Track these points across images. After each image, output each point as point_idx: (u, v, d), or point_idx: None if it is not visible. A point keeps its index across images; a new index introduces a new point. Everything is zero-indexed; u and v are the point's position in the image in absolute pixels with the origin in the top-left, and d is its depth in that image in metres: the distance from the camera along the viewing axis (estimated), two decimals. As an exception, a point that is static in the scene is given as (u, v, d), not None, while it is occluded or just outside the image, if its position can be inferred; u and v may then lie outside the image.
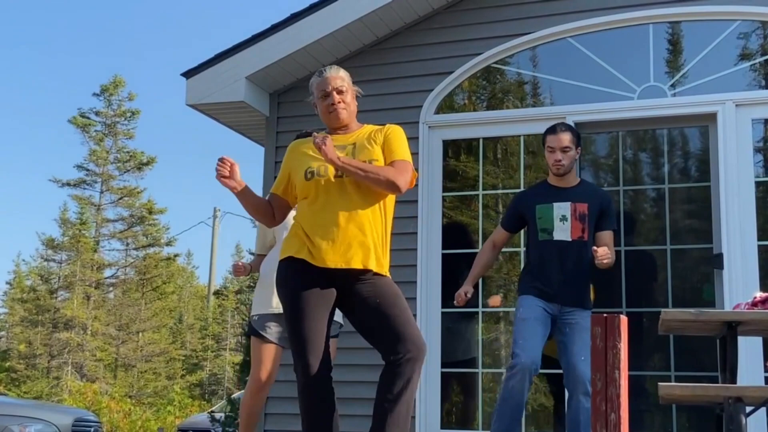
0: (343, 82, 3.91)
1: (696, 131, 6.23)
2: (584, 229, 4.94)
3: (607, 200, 5.10)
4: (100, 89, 31.56)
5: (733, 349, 3.97)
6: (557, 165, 5.04)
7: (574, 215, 4.95)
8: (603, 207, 5.02)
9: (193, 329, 39.70)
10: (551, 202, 5.02)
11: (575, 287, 4.90)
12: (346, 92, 3.91)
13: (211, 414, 14.70)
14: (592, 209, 4.96)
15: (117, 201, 31.46)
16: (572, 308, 4.89)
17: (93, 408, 18.89)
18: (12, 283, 36.44)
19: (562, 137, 5.07)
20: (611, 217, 5.07)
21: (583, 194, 5.03)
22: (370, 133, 3.90)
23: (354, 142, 3.85)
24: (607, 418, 2.77)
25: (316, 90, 3.94)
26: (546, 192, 5.10)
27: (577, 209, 4.96)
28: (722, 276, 5.71)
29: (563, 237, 4.93)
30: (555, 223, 4.96)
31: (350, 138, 3.88)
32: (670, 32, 6.26)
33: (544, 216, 5.00)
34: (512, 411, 4.74)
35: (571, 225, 4.94)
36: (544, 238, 4.98)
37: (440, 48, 6.62)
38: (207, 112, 7.12)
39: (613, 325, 2.86)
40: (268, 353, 4.69)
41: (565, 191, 5.05)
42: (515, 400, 4.73)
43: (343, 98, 3.88)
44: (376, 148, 3.80)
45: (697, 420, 5.82)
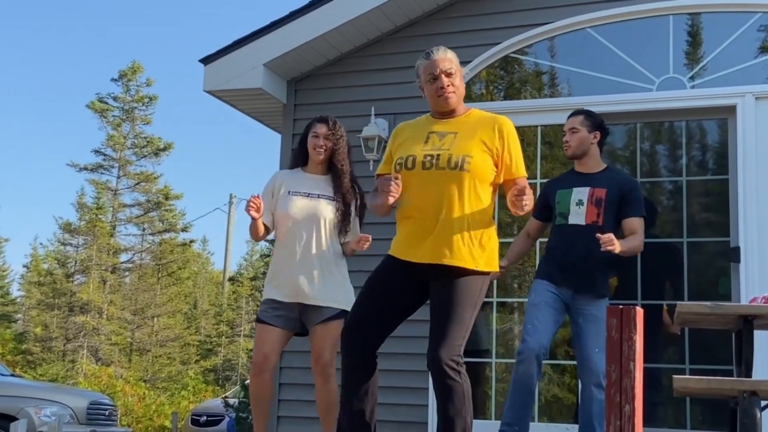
0: (452, 64, 3.75)
1: (714, 124, 6.20)
2: (599, 214, 4.90)
3: (629, 186, 5.04)
4: (118, 74, 31.64)
5: (748, 343, 3.96)
6: (565, 146, 5.08)
7: (590, 200, 4.92)
8: (624, 192, 4.96)
9: (207, 315, 39.82)
10: (572, 187, 5.01)
11: (587, 272, 4.87)
12: (455, 74, 3.75)
13: (225, 399, 14.77)
14: (610, 195, 4.93)
15: (134, 186, 31.55)
16: (584, 295, 4.86)
17: (108, 391, 19.01)
18: (29, 267, 36.69)
19: (572, 119, 5.10)
20: (636, 202, 5.00)
21: (604, 180, 5.01)
22: (475, 122, 3.75)
23: (456, 131, 3.71)
24: (622, 409, 2.77)
25: (423, 73, 3.79)
26: (570, 178, 5.11)
27: (594, 194, 4.94)
28: (739, 269, 5.69)
29: (578, 221, 4.92)
30: (571, 207, 4.95)
31: (453, 125, 3.75)
32: (690, 24, 6.22)
33: (563, 200, 5.00)
34: (523, 397, 4.74)
35: (587, 209, 4.91)
36: (560, 223, 4.98)
37: (458, 37, 6.60)
38: (224, 98, 7.14)
39: (629, 317, 2.86)
40: (267, 334, 4.69)
41: (587, 177, 5.05)
42: (525, 386, 4.73)
43: (452, 81, 3.74)
44: (476, 143, 3.65)
45: (710, 414, 5.80)
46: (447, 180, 3.58)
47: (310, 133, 4.85)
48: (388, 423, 6.03)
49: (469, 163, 3.59)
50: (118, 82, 31.71)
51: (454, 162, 3.59)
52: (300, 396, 6.30)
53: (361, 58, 6.90)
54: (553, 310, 4.85)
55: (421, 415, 6.17)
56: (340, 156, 4.79)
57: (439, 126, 3.76)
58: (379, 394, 3.77)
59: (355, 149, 6.62)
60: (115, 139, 30.89)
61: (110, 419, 10.96)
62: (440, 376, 3.53)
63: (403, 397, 6.14)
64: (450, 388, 3.53)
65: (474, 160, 3.60)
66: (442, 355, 3.51)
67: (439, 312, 3.59)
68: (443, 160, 3.60)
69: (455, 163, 3.59)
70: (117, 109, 31.43)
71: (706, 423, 5.81)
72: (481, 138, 3.67)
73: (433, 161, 3.62)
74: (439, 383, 3.55)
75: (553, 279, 4.91)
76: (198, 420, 15.26)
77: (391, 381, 5.96)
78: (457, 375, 3.54)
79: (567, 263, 4.89)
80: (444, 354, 3.51)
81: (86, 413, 10.36)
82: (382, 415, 6.04)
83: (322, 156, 4.78)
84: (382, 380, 5.96)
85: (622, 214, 4.97)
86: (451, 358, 3.51)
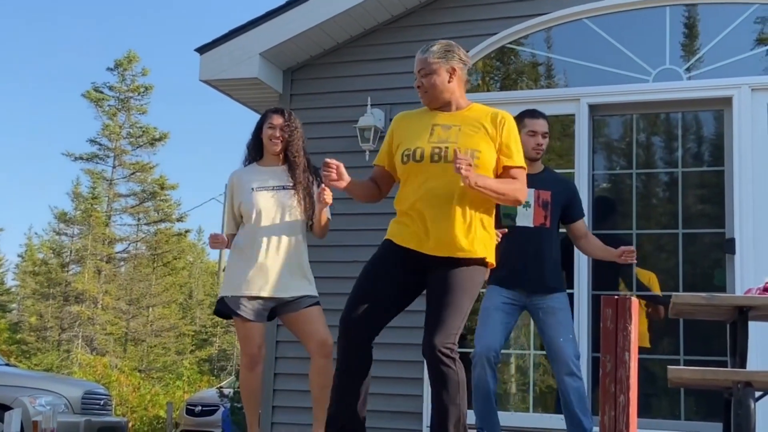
0: (425, 64, 3.78)
1: (710, 115, 6.20)
2: (546, 216, 4.90)
3: (573, 190, 5.09)
4: (114, 64, 31.60)
5: (743, 334, 3.96)
6: (538, 149, 4.99)
7: (537, 202, 4.89)
8: (569, 196, 5.01)
9: (202, 305, 39.83)
10: None
11: (538, 273, 4.84)
12: (432, 73, 3.77)
13: (220, 389, 14.77)
14: (555, 197, 4.92)
15: (129, 176, 31.54)
16: (539, 293, 4.86)
17: (102, 381, 19.01)
18: (24, 256, 36.66)
19: (543, 122, 5.04)
20: (580, 204, 5.07)
21: (547, 181, 4.97)
22: (478, 117, 3.78)
23: (460, 124, 3.75)
24: (616, 399, 2.77)
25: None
26: None
27: (540, 196, 4.90)
28: (734, 261, 5.70)
29: (526, 223, 4.88)
30: (518, 208, 4.90)
31: (456, 118, 3.78)
32: (686, 15, 6.22)
33: None
34: (484, 400, 4.80)
35: (534, 211, 4.89)
36: (506, 224, 4.90)
37: (454, 27, 6.58)
38: (220, 88, 7.12)
39: (624, 308, 2.86)
40: (253, 329, 4.71)
41: (529, 178, 5.02)
42: (481, 389, 4.78)
43: (427, 80, 3.78)
44: (482, 137, 3.70)
45: (705, 405, 5.82)
46: (455, 173, 3.58)
47: (266, 124, 4.83)
48: (384, 413, 6.04)
49: (478, 158, 3.64)
50: (113, 71, 31.69)
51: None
52: (295, 386, 6.30)
53: (357, 48, 6.89)
54: (502, 313, 4.84)
55: (416, 405, 6.18)
56: (294, 147, 4.76)
57: (441, 118, 3.79)
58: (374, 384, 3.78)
59: (351, 139, 6.64)
60: (110, 128, 30.85)
61: (105, 409, 10.96)
62: (435, 363, 3.55)
63: (398, 387, 6.15)
64: (445, 376, 3.55)
65: (482, 154, 3.66)
66: (437, 342, 3.53)
67: (436, 300, 3.62)
68: (452, 153, 3.62)
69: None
70: (112, 99, 31.41)
71: (700, 414, 5.82)
72: (486, 132, 3.72)
73: (442, 154, 3.65)
74: (433, 371, 3.57)
75: (504, 283, 4.88)
76: (193, 410, 15.25)
77: (386, 371, 5.97)
78: (452, 362, 3.56)
79: (519, 266, 4.85)
80: (439, 341, 3.53)
81: (81, 403, 10.36)
82: (378, 404, 6.06)
83: (278, 147, 4.77)
84: (378, 370, 5.97)
85: (571, 217, 5.00)
86: (445, 346, 3.54)
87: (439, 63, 3.79)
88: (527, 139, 4.99)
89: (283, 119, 4.78)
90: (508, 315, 4.86)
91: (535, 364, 6.11)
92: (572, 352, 4.75)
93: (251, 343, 4.72)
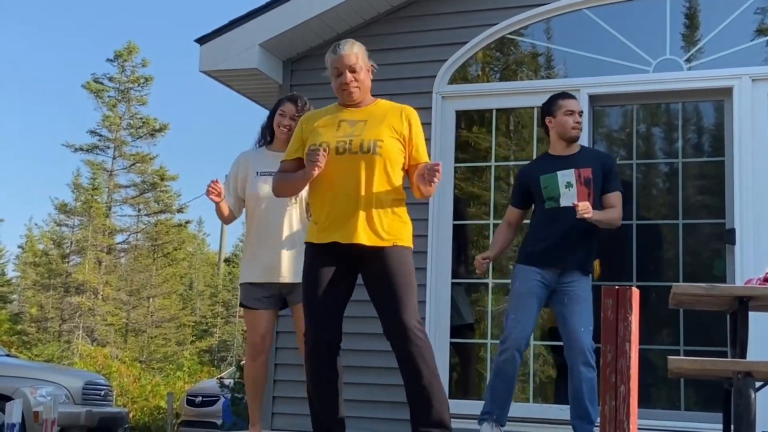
0: (357, 60, 3.95)
1: (711, 106, 6.19)
2: (590, 194, 4.96)
3: (609, 162, 5.15)
4: (113, 55, 31.52)
5: (743, 325, 3.97)
6: (577, 127, 5.06)
7: (579, 181, 4.97)
8: (606, 168, 5.05)
9: (203, 296, 39.85)
10: (554, 171, 5.03)
11: (578, 252, 4.94)
12: (360, 70, 3.95)
13: (221, 380, 14.80)
14: (596, 173, 5.00)
15: (129, 167, 31.49)
16: (572, 275, 4.90)
17: (103, 372, 19.02)
18: (24, 247, 36.63)
19: (577, 102, 5.11)
20: (615, 177, 5.11)
21: (586, 159, 5.06)
22: (383, 111, 3.95)
23: (365, 119, 3.90)
24: (617, 390, 2.78)
25: (330, 66, 3.98)
26: (548, 163, 5.12)
27: (581, 175, 4.98)
28: (734, 251, 5.70)
29: (569, 203, 4.93)
30: (561, 190, 4.96)
31: (362, 114, 3.94)
32: (687, 5, 6.20)
33: (550, 185, 5.01)
34: (504, 385, 4.84)
35: (577, 191, 4.95)
36: (550, 206, 4.99)
37: (455, 18, 6.57)
38: (220, 78, 7.11)
39: (625, 298, 2.86)
40: (257, 318, 4.80)
41: (567, 159, 5.07)
42: (506, 376, 4.85)
43: (356, 77, 3.94)
44: (385, 128, 3.86)
45: (704, 395, 5.83)
46: (360, 163, 3.77)
47: (278, 111, 4.86)
48: (382, 403, 6.05)
49: (380, 147, 3.79)
50: (113, 62, 31.61)
51: (366, 146, 3.79)
52: (295, 377, 6.30)
53: (357, 39, 6.83)
54: (536, 299, 4.92)
55: (416, 395, 6.17)
56: None
57: (348, 114, 3.95)
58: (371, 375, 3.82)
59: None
60: (110, 119, 30.81)
61: (106, 399, 10.99)
62: (411, 339, 3.66)
63: (395, 378, 6.13)
64: (421, 350, 3.67)
65: (384, 144, 3.81)
66: (409, 318, 3.68)
67: (386, 285, 3.74)
68: (356, 145, 3.79)
69: (367, 147, 3.79)
70: (113, 90, 31.34)
71: (699, 404, 5.83)
72: (390, 124, 3.88)
73: (346, 146, 3.80)
74: (409, 348, 3.67)
75: (539, 261, 4.93)
76: (193, 400, 15.28)
77: (383, 362, 5.97)
78: (425, 336, 3.73)
79: (564, 244, 4.91)
80: (410, 318, 3.68)
81: (82, 393, 10.39)
82: (377, 395, 6.08)
83: (284, 136, 4.80)
84: (375, 360, 6.01)
85: (603, 189, 5.03)
86: (417, 321, 3.71)
87: (365, 61, 4.01)
88: (565, 120, 5.07)
89: (295, 108, 4.83)
90: (541, 300, 4.95)
91: (534, 354, 6.11)
92: (590, 343, 4.79)
93: (254, 332, 4.77)
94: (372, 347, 5.90)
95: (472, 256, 6.40)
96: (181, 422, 15.42)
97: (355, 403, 5.43)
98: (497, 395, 4.86)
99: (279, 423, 6.44)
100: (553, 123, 5.16)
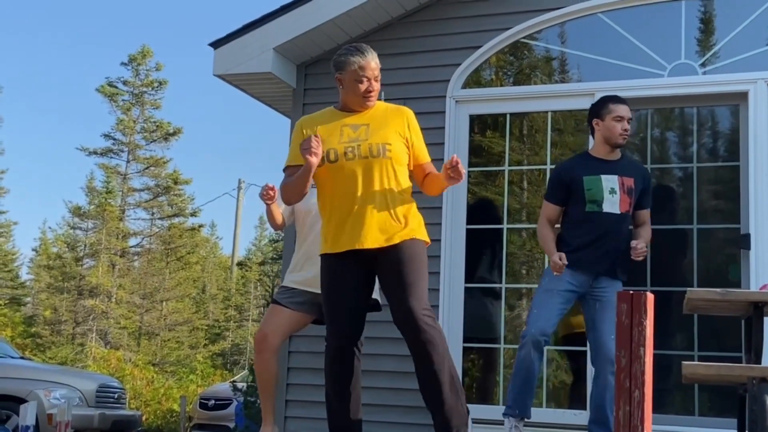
0: (377, 70, 3.94)
1: (725, 110, 6.17)
2: (631, 203, 4.96)
3: (649, 177, 5.16)
4: (128, 59, 31.63)
5: (758, 330, 3.95)
6: (624, 135, 5.01)
7: (622, 189, 4.94)
8: (645, 184, 5.06)
9: (216, 299, 39.91)
10: (598, 174, 4.97)
11: (612, 258, 4.91)
12: (377, 79, 3.95)
13: (233, 383, 14.82)
14: (636, 185, 4.98)
15: (143, 170, 31.57)
16: (605, 281, 4.88)
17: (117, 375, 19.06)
18: (38, 250, 36.78)
19: (627, 108, 5.05)
20: (650, 193, 5.11)
21: (629, 169, 5.03)
22: (384, 113, 3.96)
23: (368, 123, 3.91)
24: (631, 395, 2.77)
25: (356, 69, 3.89)
26: (591, 163, 5.03)
27: (624, 183, 4.95)
28: (749, 256, 5.67)
29: (612, 210, 4.91)
30: (605, 194, 4.91)
31: (364, 118, 3.94)
32: (702, 9, 6.18)
33: (594, 188, 4.93)
34: (523, 381, 4.84)
35: (620, 198, 4.92)
36: (592, 210, 4.92)
37: (468, 22, 6.57)
38: (234, 82, 7.13)
39: (640, 302, 2.85)
40: (272, 315, 4.83)
41: (611, 164, 5.02)
42: (525, 370, 4.82)
43: (377, 85, 3.95)
44: (391, 131, 3.88)
45: (718, 401, 5.80)
46: (371, 167, 3.78)
47: None
48: (395, 407, 6.05)
49: (389, 150, 3.81)
50: (128, 66, 31.68)
51: (375, 150, 3.80)
52: (308, 380, 6.32)
53: (370, 43, 6.80)
54: (562, 299, 4.88)
55: (429, 400, 6.16)
56: None
57: (349, 119, 3.93)
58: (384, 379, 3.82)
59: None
60: (124, 123, 30.89)
61: (119, 402, 11.02)
62: (419, 326, 3.64)
63: (409, 382, 6.12)
64: (431, 337, 3.64)
65: (393, 146, 3.83)
66: (416, 305, 3.65)
67: (394, 277, 3.73)
68: (364, 150, 3.80)
69: (376, 151, 3.80)
70: (127, 94, 31.41)
71: (714, 410, 5.81)
72: (394, 127, 3.89)
73: (355, 151, 3.80)
74: (418, 335, 3.65)
75: (574, 264, 4.88)
76: (206, 404, 15.30)
77: (395, 366, 5.98)
78: (434, 322, 3.69)
79: (601, 250, 4.88)
80: (417, 304, 3.65)
81: (95, 396, 10.42)
82: (389, 399, 6.07)
83: None
84: (388, 365, 6.01)
85: (640, 204, 5.02)
86: (424, 307, 3.67)
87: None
88: (614, 125, 5.00)
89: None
90: (567, 302, 4.91)
91: (548, 359, 6.10)
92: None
93: (265, 324, 4.80)
94: (384, 351, 5.90)
95: (485, 261, 6.41)
96: (194, 425, 15.44)
97: (367, 407, 5.39)
98: (516, 390, 4.85)
99: (292, 427, 6.45)
100: (600, 126, 5.05)
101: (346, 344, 3.86)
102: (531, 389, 4.86)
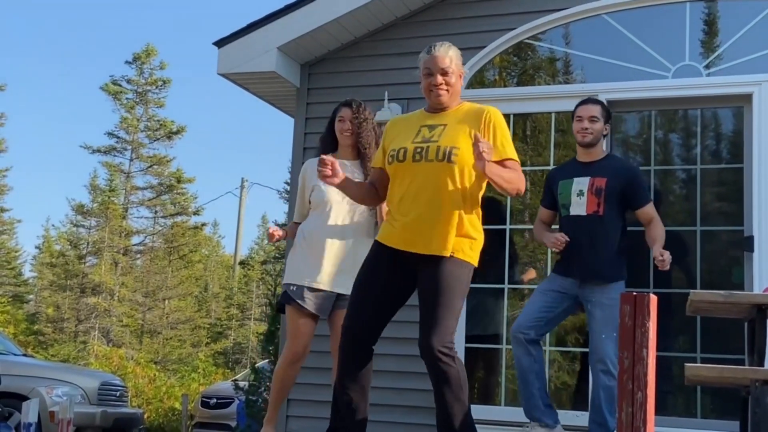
0: (450, 63, 3.84)
1: (729, 112, 6.16)
2: (599, 203, 4.92)
3: (632, 174, 5.07)
4: (132, 57, 31.63)
5: (761, 332, 3.95)
6: (583, 133, 5.04)
7: (590, 190, 4.94)
8: (628, 182, 4.97)
9: (218, 298, 39.90)
10: (573, 177, 5.02)
11: (591, 262, 4.88)
12: (451, 74, 3.85)
13: (235, 382, 14.82)
14: (611, 184, 4.93)
15: (146, 169, 31.57)
16: (591, 283, 4.89)
17: (119, 373, 19.07)
18: (41, 248, 36.80)
19: (590, 107, 5.10)
20: (642, 189, 5.06)
21: (605, 169, 5.01)
22: (464, 114, 3.84)
23: (445, 123, 3.81)
24: (634, 396, 2.77)
25: (421, 66, 3.88)
26: (571, 168, 5.14)
27: (594, 184, 4.95)
28: (752, 259, 5.67)
29: (578, 212, 4.94)
30: (572, 198, 4.97)
31: (443, 118, 3.85)
32: (706, 11, 6.18)
33: (564, 191, 5.04)
34: (521, 382, 4.90)
35: (587, 199, 4.92)
36: (564, 214, 5.03)
37: (472, 22, 6.57)
38: (238, 81, 7.13)
39: (643, 304, 2.85)
40: (306, 324, 4.72)
41: (588, 166, 5.06)
42: (518, 370, 4.89)
43: (447, 80, 3.84)
44: (463, 134, 3.73)
45: (721, 403, 5.79)
46: (436, 171, 3.68)
47: (336, 117, 4.89)
48: (398, 407, 6.05)
49: (456, 154, 3.68)
50: (131, 64, 31.70)
51: (442, 153, 3.68)
52: (311, 380, 6.31)
53: (374, 43, 6.88)
54: (548, 298, 4.94)
55: (429, 400, 6.12)
56: (363, 140, 4.82)
57: (430, 120, 3.86)
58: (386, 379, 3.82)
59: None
60: (128, 121, 30.91)
61: (121, 400, 11.03)
62: (434, 363, 3.60)
63: (412, 382, 6.14)
64: (446, 374, 3.60)
65: (461, 151, 3.68)
66: (435, 342, 3.58)
67: (429, 300, 3.66)
68: (432, 152, 3.70)
69: (443, 154, 3.68)
70: (130, 92, 31.43)
71: (716, 412, 5.80)
72: (469, 128, 3.74)
73: (423, 153, 3.71)
74: (434, 370, 3.63)
75: (560, 271, 4.99)
76: (208, 402, 15.30)
77: (399, 366, 5.98)
78: (451, 360, 3.61)
79: (572, 253, 4.91)
80: (436, 341, 3.58)
81: (97, 394, 10.44)
82: (392, 399, 6.07)
83: (349, 140, 4.82)
84: (391, 365, 6.01)
85: (633, 205, 5.01)
86: (443, 345, 3.59)
87: (458, 66, 3.89)
88: (575, 126, 5.11)
89: (351, 111, 4.84)
90: (552, 300, 4.93)
91: (550, 360, 6.09)
92: (612, 351, 4.73)
93: (299, 341, 4.70)
94: (387, 351, 5.89)
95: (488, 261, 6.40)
96: (196, 424, 15.44)
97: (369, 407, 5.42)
98: (520, 393, 4.92)
99: (294, 426, 6.45)
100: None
101: (358, 332, 3.77)
102: (529, 389, 4.87)
